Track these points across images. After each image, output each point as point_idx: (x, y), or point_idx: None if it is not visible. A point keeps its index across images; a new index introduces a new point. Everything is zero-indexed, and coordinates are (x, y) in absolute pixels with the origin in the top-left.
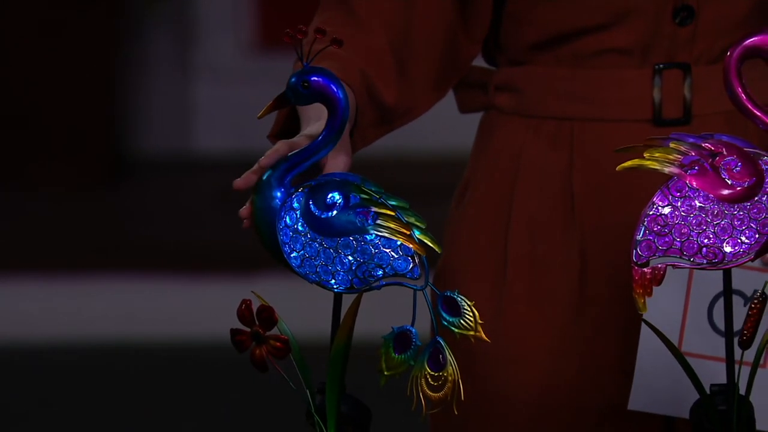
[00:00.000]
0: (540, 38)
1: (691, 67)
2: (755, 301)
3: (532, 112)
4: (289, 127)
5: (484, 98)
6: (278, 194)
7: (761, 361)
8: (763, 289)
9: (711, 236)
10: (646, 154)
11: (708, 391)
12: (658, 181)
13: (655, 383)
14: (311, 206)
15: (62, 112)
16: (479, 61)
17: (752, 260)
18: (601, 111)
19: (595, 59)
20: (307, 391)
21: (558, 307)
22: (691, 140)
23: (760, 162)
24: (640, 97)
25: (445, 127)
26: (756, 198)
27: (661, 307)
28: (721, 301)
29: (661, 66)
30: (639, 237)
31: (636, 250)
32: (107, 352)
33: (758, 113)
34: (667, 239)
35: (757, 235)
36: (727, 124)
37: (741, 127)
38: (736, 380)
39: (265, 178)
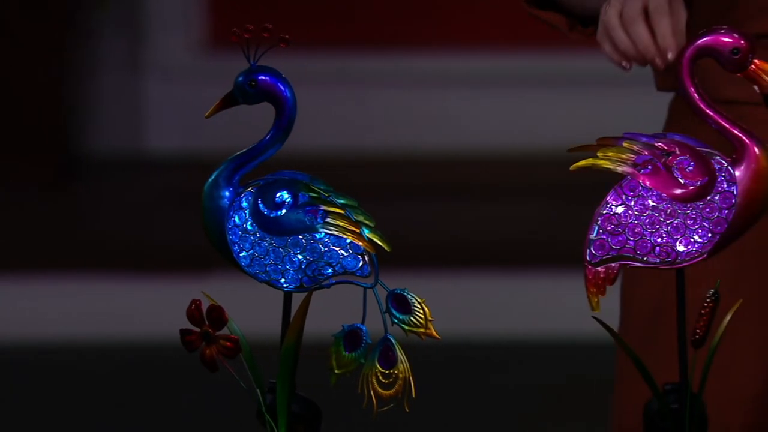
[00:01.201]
0: (708, 11)
1: None
2: (708, 300)
3: (709, 95)
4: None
5: (672, 79)
6: (226, 194)
7: None
8: (716, 288)
9: (664, 235)
10: (599, 154)
11: (661, 390)
12: None
13: None
14: (260, 205)
15: (13, 112)
16: None
17: (705, 260)
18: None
19: (761, 40)
20: (258, 391)
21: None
22: (644, 139)
23: (713, 161)
24: None
25: (395, 127)
26: (708, 197)
27: None
28: None
29: None
30: (592, 236)
31: (589, 249)
32: (60, 351)
33: (710, 113)
34: (620, 238)
35: (710, 234)
36: None
37: None
38: (689, 379)
39: (212, 178)
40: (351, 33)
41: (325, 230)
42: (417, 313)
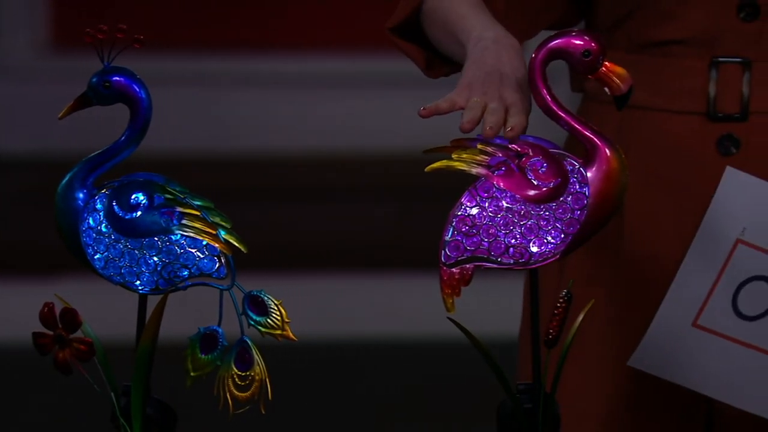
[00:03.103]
0: (611, 18)
1: (752, 64)
2: (561, 300)
3: (605, 99)
4: (409, 22)
5: (578, 82)
6: (80, 195)
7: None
8: (569, 288)
9: (518, 236)
10: (454, 155)
11: (514, 390)
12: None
13: (662, 349)
14: (115, 207)
15: None
16: None
17: (558, 260)
18: (659, 101)
19: (659, 48)
20: (112, 394)
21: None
22: (497, 141)
23: (565, 163)
24: (695, 89)
25: (251, 128)
26: (561, 198)
27: (690, 280)
28: (749, 286)
29: (720, 59)
30: (447, 237)
31: (444, 250)
32: None
33: (562, 114)
34: (475, 240)
35: (562, 235)
36: None
37: None
38: (541, 379)
39: (66, 179)
40: (203, 35)
41: (181, 232)
42: (273, 315)
